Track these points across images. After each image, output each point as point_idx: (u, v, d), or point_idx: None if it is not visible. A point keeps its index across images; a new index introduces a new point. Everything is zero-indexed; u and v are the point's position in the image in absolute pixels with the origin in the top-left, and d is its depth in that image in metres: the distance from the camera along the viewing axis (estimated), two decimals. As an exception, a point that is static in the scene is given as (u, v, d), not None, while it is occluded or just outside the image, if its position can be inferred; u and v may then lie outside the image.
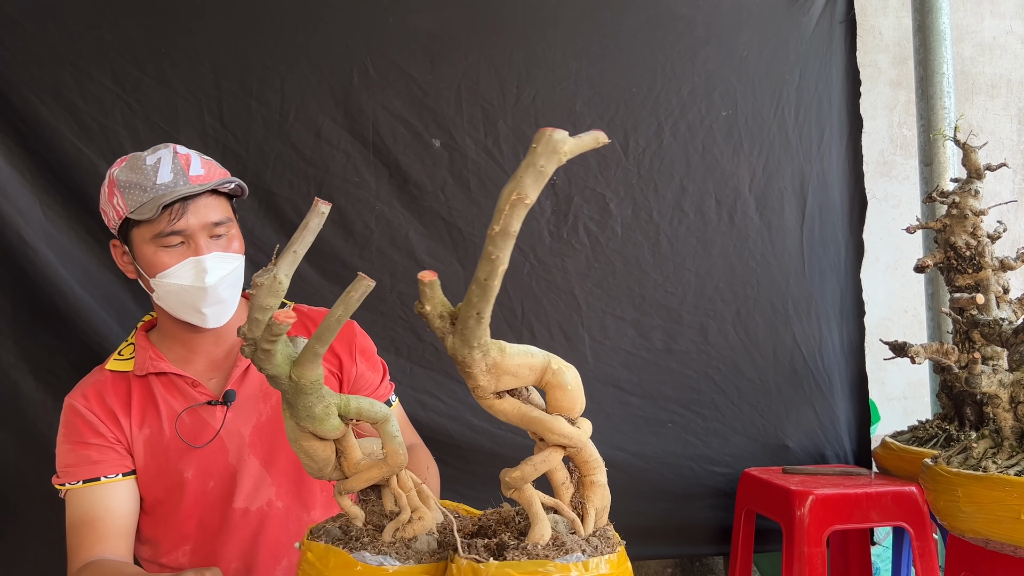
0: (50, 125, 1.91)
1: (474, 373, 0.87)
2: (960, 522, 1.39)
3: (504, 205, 0.77)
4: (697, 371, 2.24)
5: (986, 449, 1.43)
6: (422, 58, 2.11)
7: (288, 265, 0.84)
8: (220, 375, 1.49)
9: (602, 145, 0.76)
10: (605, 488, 0.94)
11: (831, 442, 2.30)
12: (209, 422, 1.45)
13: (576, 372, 0.91)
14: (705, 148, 2.27)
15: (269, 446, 1.47)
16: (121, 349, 1.52)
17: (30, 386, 1.89)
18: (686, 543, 2.26)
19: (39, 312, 1.89)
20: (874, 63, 3.28)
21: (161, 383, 1.47)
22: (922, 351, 1.92)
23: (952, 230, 2.00)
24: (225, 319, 1.45)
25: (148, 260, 1.39)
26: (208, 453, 1.43)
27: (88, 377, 1.50)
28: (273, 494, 1.46)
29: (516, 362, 0.88)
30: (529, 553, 0.85)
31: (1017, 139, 3.51)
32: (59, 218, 1.91)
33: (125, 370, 1.48)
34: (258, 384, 1.48)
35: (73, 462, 1.41)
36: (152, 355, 1.47)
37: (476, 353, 0.85)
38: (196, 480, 1.43)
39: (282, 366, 0.88)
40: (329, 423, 0.91)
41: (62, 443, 1.44)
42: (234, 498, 1.44)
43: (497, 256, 0.80)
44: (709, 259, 2.26)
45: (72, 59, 1.93)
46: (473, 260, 2.13)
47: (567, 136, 0.75)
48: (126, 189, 1.38)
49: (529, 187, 0.76)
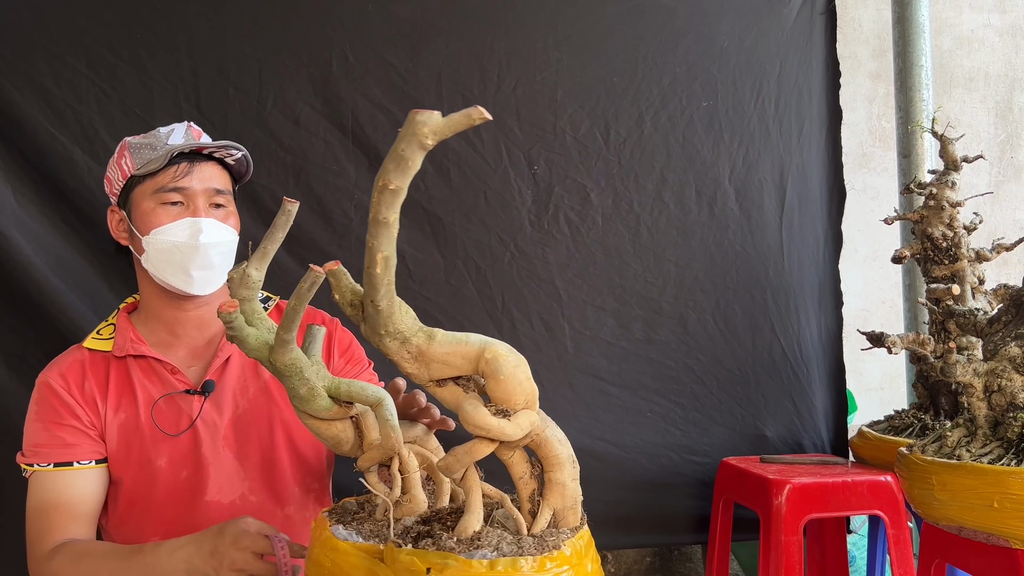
0: (23, 111, 1.88)
1: (396, 360, 0.87)
2: (934, 510, 1.40)
3: (374, 192, 0.76)
4: (677, 361, 2.25)
5: (960, 438, 1.45)
6: (402, 46, 2.10)
7: (258, 260, 0.89)
8: (200, 364, 1.47)
9: (479, 122, 0.72)
10: (566, 487, 0.90)
11: (809, 432, 2.32)
12: (186, 411, 1.43)
13: (516, 361, 0.86)
14: (686, 139, 2.27)
15: (244, 439, 1.45)
16: (100, 328, 1.49)
17: (2, 375, 1.86)
18: (664, 532, 2.27)
19: (12, 300, 1.86)
20: (854, 55, 3.30)
21: (139, 367, 1.44)
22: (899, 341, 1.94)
23: (929, 221, 2.02)
24: (211, 288, 1.43)
25: (145, 217, 1.38)
26: (182, 443, 1.41)
27: (65, 355, 1.46)
28: (247, 488, 1.44)
29: (445, 350, 0.86)
30: (438, 544, 0.84)
31: (994, 132, 3.55)
32: (32, 205, 1.88)
33: (104, 349, 1.45)
34: (237, 376, 1.46)
35: (45, 442, 1.37)
36: (132, 337, 1.45)
37: (387, 340, 0.86)
38: (168, 469, 1.41)
39: (260, 351, 0.92)
40: (316, 403, 0.94)
41: (33, 421, 1.40)
42: (206, 490, 1.42)
43: (372, 244, 0.79)
44: (689, 250, 2.27)
45: (46, 44, 1.90)
46: (454, 249, 2.12)
47: (432, 117, 0.73)
48: (136, 150, 1.40)
49: (391, 172, 0.75)
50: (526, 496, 0.91)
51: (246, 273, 0.90)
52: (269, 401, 1.47)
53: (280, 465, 1.46)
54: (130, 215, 1.41)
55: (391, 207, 0.77)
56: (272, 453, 1.46)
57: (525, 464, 0.91)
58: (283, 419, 1.47)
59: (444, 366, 0.87)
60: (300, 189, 2.02)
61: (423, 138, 0.73)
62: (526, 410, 0.86)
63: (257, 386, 1.48)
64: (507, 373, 0.85)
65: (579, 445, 2.14)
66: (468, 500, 0.89)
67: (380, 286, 0.82)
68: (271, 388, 1.48)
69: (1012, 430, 1.38)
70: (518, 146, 2.17)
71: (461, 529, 0.87)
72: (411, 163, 0.74)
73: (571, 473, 0.90)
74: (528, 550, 0.83)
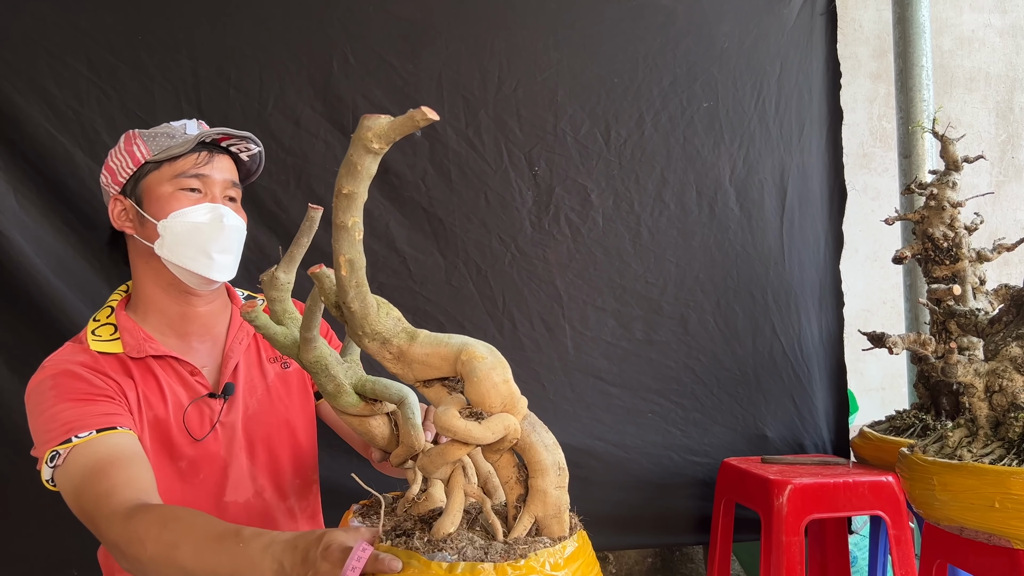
0: (24, 112, 1.88)
1: (379, 360, 0.89)
2: (935, 510, 1.40)
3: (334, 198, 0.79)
4: (677, 361, 2.25)
5: (961, 438, 1.45)
6: (403, 47, 2.10)
7: (286, 264, 0.95)
8: (212, 365, 1.46)
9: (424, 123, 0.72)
10: (548, 495, 0.87)
11: (809, 432, 2.32)
12: (207, 414, 1.42)
13: (493, 363, 0.85)
14: (686, 139, 2.27)
15: (253, 440, 1.46)
16: (94, 329, 1.40)
17: (3, 375, 1.86)
18: (666, 532, 2.27)
19: (12, 301, 1.86)
20: (854, 56, 3.30)
21: (160, 366, 1.39)
22: (900, 341, 1.94)
23: (930, 221, 2.02)
24: (227, 275, 1.40)
25: (162, 202, 1.36)
26: (202, 445, 1.41)
27: (72, 354, 1.36)
28: (258, 487, 1.46)
29: (425, 351, 0.87)
30: (409, 543, 0.85)
31: (994, 132, 3.55)
32: (33, 207, 1.88)
33: (114, 351, 1.37)
34: (245, 377, 1.46)
35: (78, 416, 1.24)
36: (143, 336, 1.39)
37: (367, 341, 0.87)
38: (189, 471, 1.40)
39: (291, 348, 0.96)
40: (343, 399, 0.96)
41: (55, 404, 1.26)
42: (224, 491, 1.42)
43: (335, 248, 0.82)
44: (689, 250, 2.26)
45: (46, 46, 1.90)
46: (454, 250, 2.12)
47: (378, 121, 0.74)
48: (151, 138, 1.39)
49: (343, 177, 0.77)
50: (511, 501, 0.90)
51: (275, 276, 0.95)
52: (274, 400, 1.48)
53: (282, 461, 1.48)
54: (140, 202, 1.39)
55: (347, 211, 0.79)
56: (277, 451, 1.47)
57: (512, 468, 0.90)
58: (287, 417, 1.49)
59: (425, 367, 0.87)
60: (301, 190, 2.02)
61: (368, 143, 0.74)
62: (502, 414, 0.85)
63: (263, 386, 1.48)
64: (481, 375, 0.84)
65: (580, 446, 2.16)
66: (448, 501, 0.89)
67: (349, 288, 0.84)
68: (276, 387, 1.49)
69: (1013, 430, 1.38)
70: (519, 147, 2.17)
71: (435, 530, 0.87)
72: (360, 167, 0.76)
73: (555, 481, 0.88)
74: (493, 556, 0.82)
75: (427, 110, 0.72)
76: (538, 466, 0.88)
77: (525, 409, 0.88)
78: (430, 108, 0.73)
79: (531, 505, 0.88)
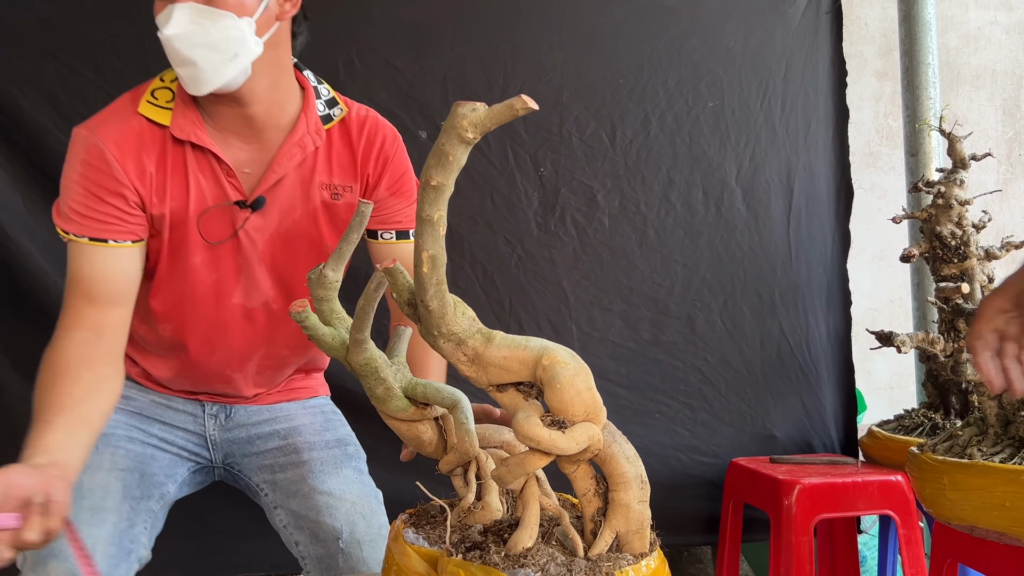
0: (31, 118, 1.89)
1: (453, 363, 0.84)
2: (946, 510, 1.39)
3: (419, 190, 0.76)
4: (684, 362, 2.25)
5: (971, 437, 1.44)
6: (408, 49, 2.10)
7: (335, 261, 0.93)
8: (255, 171, 1.37)
9: (524, 112, 0.68)
10: (631, 509, 0.84)
11: (818, 431, 2.31)
12: (230, 220, 1.37)
13: (576, 369, 0.81)
14: (692, 139, 2.27)
15: (278, 255, 1.40)
16: (154, 90, 1.33)
17: (13, 381, 1.87)
18: (674, 533, 2.27)
19: (21, 306, 1.87)
20: (860, 54, 3.29)
21: (195, 158, 1.33)
22: (908, 340, 1.93)
23: (937, 220, 2.01)
24: (201, 86, 1.26)
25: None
26: (218, 248, 1.37)
27: (119, 117, 1.31)
28: (270, 298, 1.42)
29: (502, 354, 0.81)
30: (485, 557, 0.81)
31: (1001, 129, 3.53)
32: (41, 211, 1.89)
33: (162, 123, 1.31)
34: (287, 194, 1.38)
35: (82, 211, 1.28)
36: (194, 119, 1.32)
37: (442, 342, 0.82)
38: (201, 268, 1.37)
39: (338, 350, 0.95)
40: (393, 404, 0.94)
41: (76, 181, 1.28)
42: (233, 294, 1.40)
43: (418, 243, 0.78)
44: (696, 250, 2.26)
45: (54, 51, 1.91)
46: (460, 252, 2.12)
47: (473, 109, 0.70)
48: None
49: (433, 168, 0.73)
50: (589, 515, 0.85)
51: (323, 274, 0.93)
52: (312, 226, 1.41)
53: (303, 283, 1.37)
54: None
55: (435, 204, 0.74)
56: (300, 272, 1.41)
57: (589, 480, 0.85)
58: (320, 247, 1.42)
59: (502, 371, 0.82)
60: (307, 193, 2.03)
61: (463, 131, 0.70)
62: (585, 423, 0.81)
63: (305, 209, 1.40)
64: (564, 382, 0.79)
65: (588, 447, 2.16)
66: (523, 514, 0.84)
67: (429, 286, 0.78)
68: (318, 213, 1.41)
69: (1023, 429, 1.37)
70: (524, 148, 2.17)
71: (512, 544, 0.82)
72: (452, 158, 0.72)
73: (637, 495, 0.84)
74: (577, 573, 0.78)
75: (527, 98, 0.68)
76: (620, 479, 0.83)
77: (605, 418, 0.84)
78: (524, 97, 0.68)
79: (612, 519, 0.83)
